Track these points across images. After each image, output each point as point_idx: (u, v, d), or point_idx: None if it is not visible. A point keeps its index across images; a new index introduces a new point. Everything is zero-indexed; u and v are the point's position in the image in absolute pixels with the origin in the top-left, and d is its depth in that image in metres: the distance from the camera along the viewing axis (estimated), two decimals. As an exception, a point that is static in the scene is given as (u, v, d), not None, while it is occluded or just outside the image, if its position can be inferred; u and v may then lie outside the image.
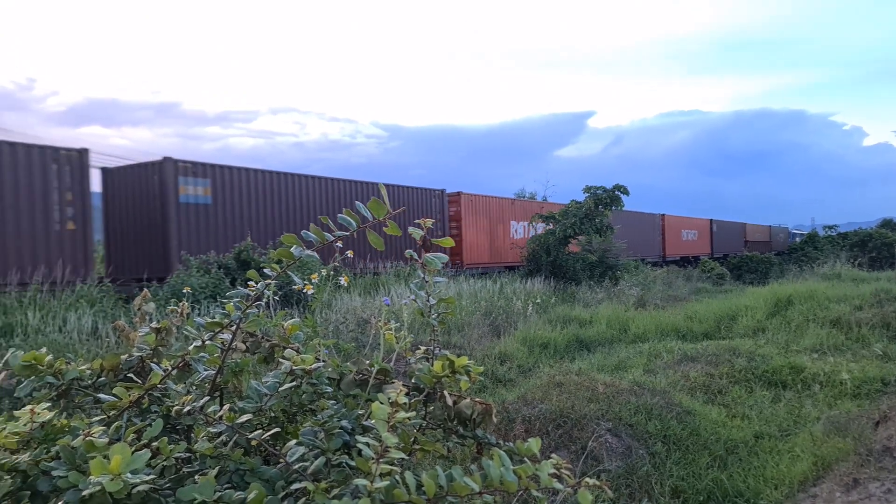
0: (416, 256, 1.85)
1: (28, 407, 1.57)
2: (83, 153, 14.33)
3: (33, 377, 1.82)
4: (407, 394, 1.88)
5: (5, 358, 1.81)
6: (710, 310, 13.94)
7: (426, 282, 1.95)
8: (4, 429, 1.57)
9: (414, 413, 1.58)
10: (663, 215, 39.02)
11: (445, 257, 1.85)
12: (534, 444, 1.77)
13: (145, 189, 16.50)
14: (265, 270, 1.76)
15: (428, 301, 1.98)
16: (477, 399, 2.04)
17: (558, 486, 1.55)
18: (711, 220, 44.95)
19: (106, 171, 17.25)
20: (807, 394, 7.65)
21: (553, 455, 1.74)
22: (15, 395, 1.83)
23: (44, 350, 1.87)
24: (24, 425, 1.58)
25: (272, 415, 1.97)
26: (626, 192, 23.16)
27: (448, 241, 1.80)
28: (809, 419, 6.63)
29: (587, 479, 1.54)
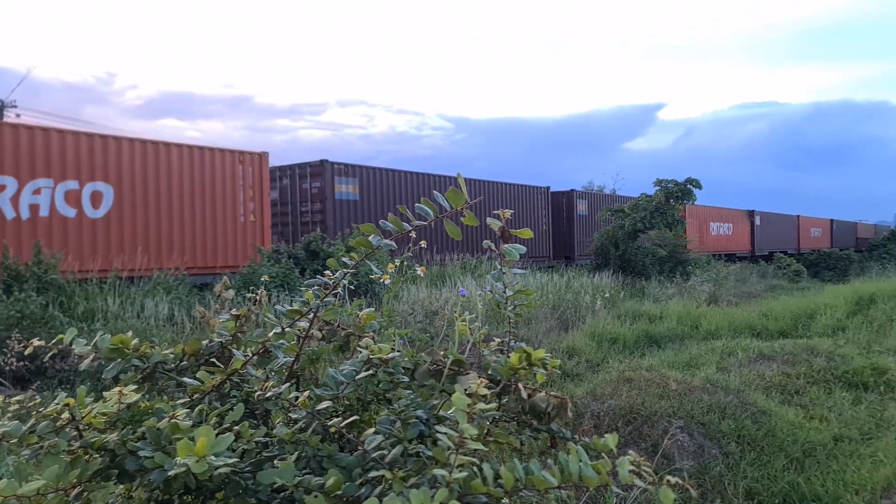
0: (493, 247, 1.83)
1: (116, 388, 1.62)
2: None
3: (120, 360, 1.88)
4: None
5: (94, 341, 1.87)
6: (787, 307, 13.46)
7: (503, 273, 1.92)
8: (94, 409, 1.62)
9: (494, 405, 1.56)
10: (798, 216, 46.70)
11: (523, 248, 1.82)
12: (611, 439, 1.73)
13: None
14: (343, 259, 1.77)
15: (504, 292, 1.96)
16: (552, 393, 2.01)
17: (639, 482, 1.50)
18: (832, 219, 51.99)
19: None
20: (890, 396, 7.29)
21: (631, 452, 1.69)
22: (102, 376, 1.89)
23: (129, 334, 1.93)
24: (112, 406, 1.64)
25: (347, 403, 1.98)
26: (698, 186, 22.61)
27: (527, 233, 1.77)
28: (893, 423, 6.32)
29: (669, 478, 1.49)
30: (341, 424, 1.59)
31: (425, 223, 1.75)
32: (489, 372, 1.90)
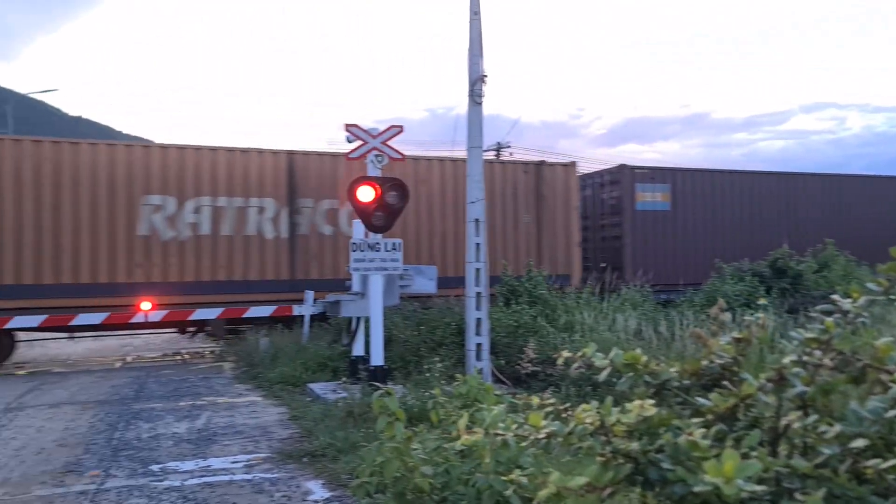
0: None
1: (638, 402, 1.76)
2: None
3: (632, 374, 2.03)
4: None
5: (610, 356, 2.06)
6: None
7: None
8: (617, 418, 1.79)
9: None
10: None
11: None
12: None
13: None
14: (868, 285, 1.63)
15: None
16: None
17: None
18: None
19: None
20: None
21: None
22: (616, 387, 2.07)
23: (638, 351, 2.08)
24: (633, 417, 1.78)
25: (868, 442, 1.81)
26: None
27: None
28: None
29: None
30: (880, 466, 1.46)
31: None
32: None
